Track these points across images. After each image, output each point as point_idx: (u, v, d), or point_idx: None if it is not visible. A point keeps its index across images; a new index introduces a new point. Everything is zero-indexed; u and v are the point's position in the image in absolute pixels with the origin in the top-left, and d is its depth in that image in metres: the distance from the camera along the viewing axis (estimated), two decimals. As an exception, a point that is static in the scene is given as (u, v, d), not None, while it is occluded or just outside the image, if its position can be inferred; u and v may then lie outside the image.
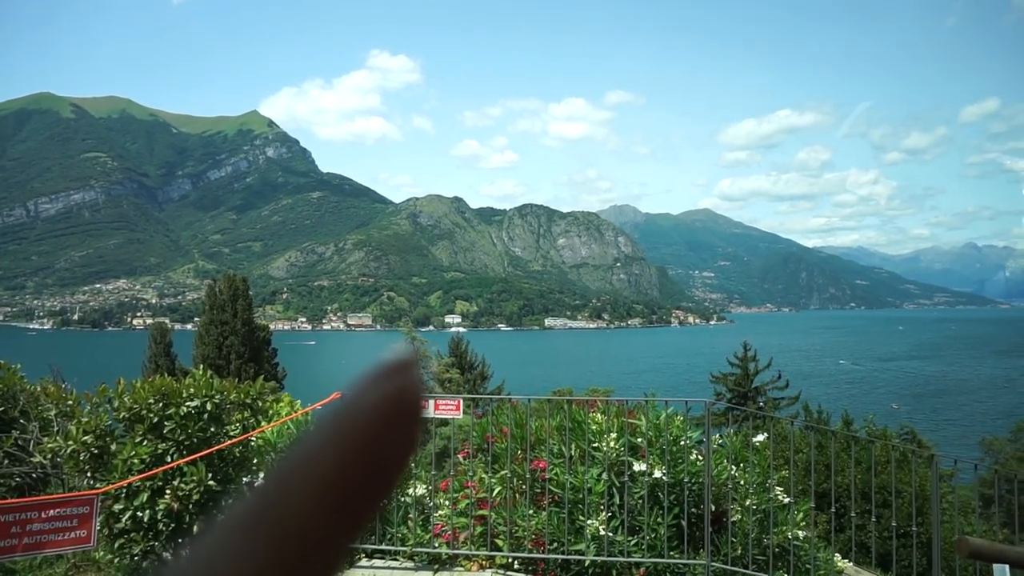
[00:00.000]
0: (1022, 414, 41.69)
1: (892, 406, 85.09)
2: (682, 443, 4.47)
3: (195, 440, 3.89)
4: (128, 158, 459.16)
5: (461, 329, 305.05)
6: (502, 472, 4.63)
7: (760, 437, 4.63)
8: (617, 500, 4.23)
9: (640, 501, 4.20)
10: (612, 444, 4.28)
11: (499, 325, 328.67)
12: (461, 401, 4.58)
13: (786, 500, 4.64)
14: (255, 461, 4.27)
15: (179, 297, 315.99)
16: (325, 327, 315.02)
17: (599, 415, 4.56)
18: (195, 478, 3.72)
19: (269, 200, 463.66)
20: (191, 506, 3.74)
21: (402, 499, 4.63)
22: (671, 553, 4.10)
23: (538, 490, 4.42)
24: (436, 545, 4.29)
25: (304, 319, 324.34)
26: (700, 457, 4.50)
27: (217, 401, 4.08)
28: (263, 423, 4.36)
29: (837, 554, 4.42)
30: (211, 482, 3.73)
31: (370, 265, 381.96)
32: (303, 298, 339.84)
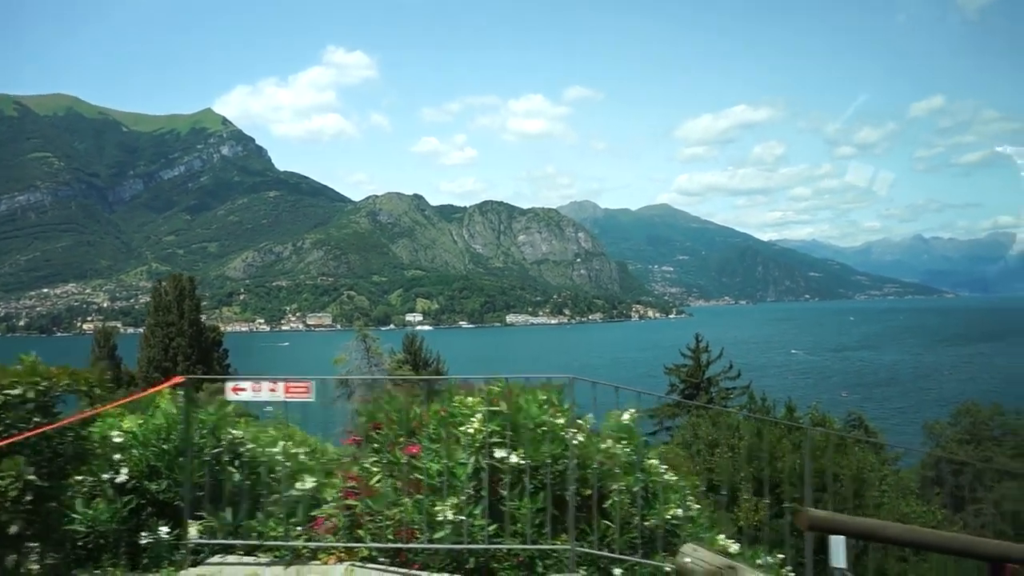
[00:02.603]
0: (964, 399, 42.88)
1: (842, 394, 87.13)
2: (551, 424, 4.28)
3: (15, 432, 3.59)
4: (76, 158, 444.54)
5: (425, 327, 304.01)
6: (373, 459, 4.42)
7: (627, 416, 4.47)
8: (485, 485, 4.05)
9: (507, 486, 4.02)
10: (476, 427, 4.10)
11: (461, 323, 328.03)
12: (312, 383, 4.36)
13: (671, 479, 4.50)
14: (97, 455, 4.00)
15: (131, 300, 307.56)
16: (284, 328, 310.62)
17: (469, 398, 4.38)
18: (12, 473, 3.42)
19: (224, 200, 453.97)
20: (7, 504, 3.44)
21: (273, 492, 4.39)
22: (538, 539, 3.93)
23: (411, 477, 4.22)
24: (292, 538, 4.05)
25: (262, 320, 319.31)
26: (579, 438, 4.33)
27: (43, 388, 3.78)
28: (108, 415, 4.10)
29: (722, 536, 4.29)
30: (31, 476, 3.44)
31: (329, 264, 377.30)
32: (261, 299, 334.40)
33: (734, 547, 4.25)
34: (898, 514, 14.84)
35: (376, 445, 4.67)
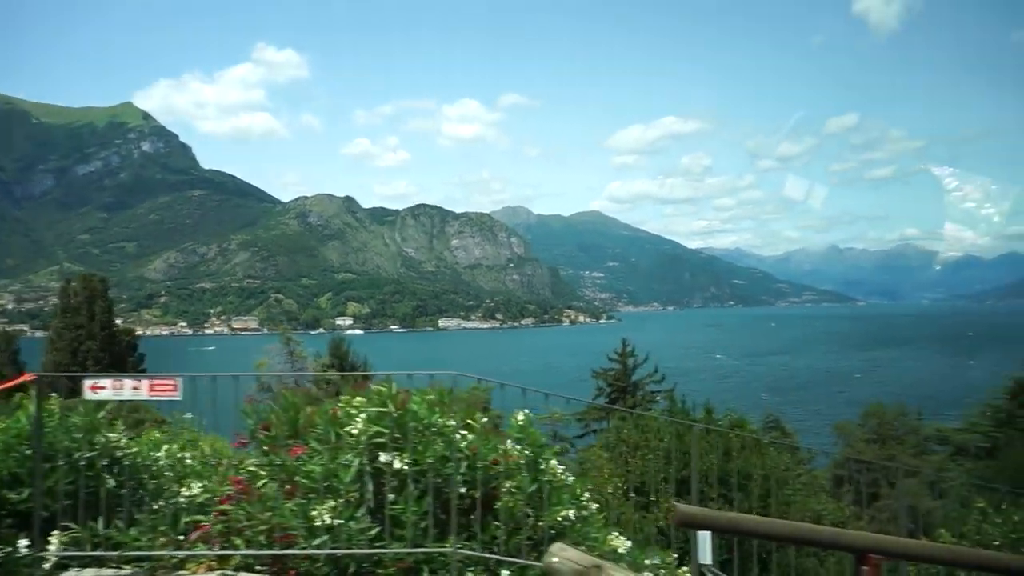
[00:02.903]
0: (872, 401, 45.01)
1: (762, 397, 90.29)
2: (441, 425, 4.20)
3: None
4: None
5: (356, 331, 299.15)
6: (261, 462, 4.24)
7: (521, 416, 4.44)
8: (370, 488, 3.93)
9: (394, 489, 3.92)
10: (360, 427, 3.97)
11: (392, 327, 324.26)
12: (180, 380, 4.15)
13: (567, 480, 4.48)
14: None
15: (40, 302, 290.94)
16: (208, 331, 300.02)
17: (357, 397, 4.25)
18: None
19: (144, 198, 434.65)
20: None
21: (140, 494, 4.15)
22: (423, 542, 3.84)
23: (297, 480, 4.05)
24: (158, 548, 3.83)
25: (184, 323, 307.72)
26: (470, 438, 4.26)
27: None
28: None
29: (615, 532, 4.29)
30: None
31: (256, 266, 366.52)
32: (183, 301, 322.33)
33: (624, 546, 4.25)
34: (809, 511, 15.32)
35: (265, 447, 4.49)
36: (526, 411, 4.72)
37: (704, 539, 2.47)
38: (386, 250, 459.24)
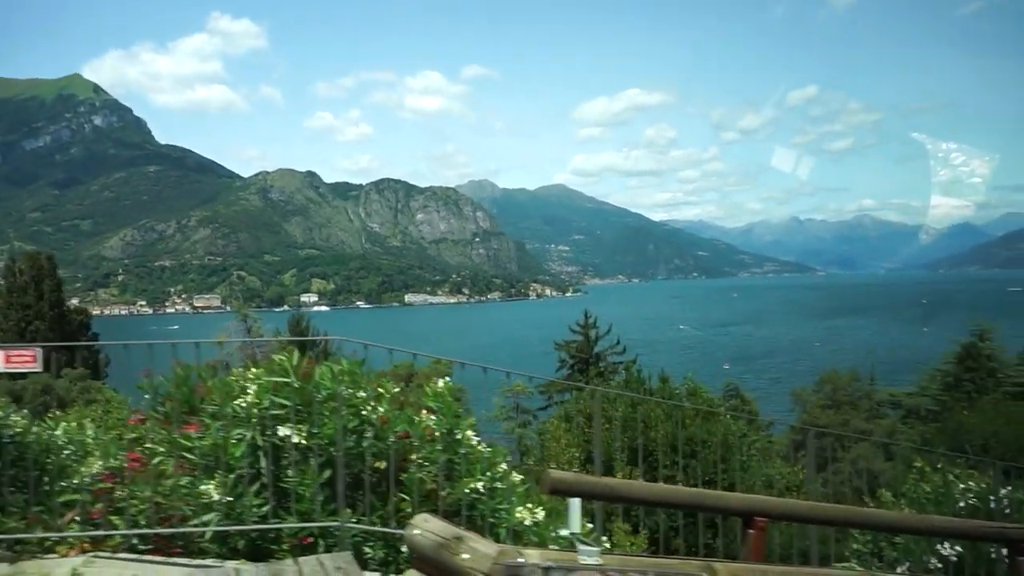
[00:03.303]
0: (829, 369, 45.90)
1: (724, 366, 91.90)
2: (349, 396, 4.00)
3: None
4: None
5: (321, 308, 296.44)
6: (154, 437, 4.00)
7: (441, 383, 4.26)
8: (264, 463, 3.73)
9: (295, 463, 3.72)
10: (251, 399, 3.76)
11: (358, 303, 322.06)
12: (39, 351, 3.89)
13: (483, 451, 4.33)
14: None
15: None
16: (168, 310, 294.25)
17: (254, 369, 4.04)
18: None
19: (98, 174, 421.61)
20: None
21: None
22: (320, 516, 3.66)
23: (186, 456, 3.83)
24: (28, 530, 3.59)
25: (144, 302, 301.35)
26: (381, 410, 4.07)
27: None
28: None
29: (529, 506, 4.16)
30: None
31: (217, 243, 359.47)
32: (142, 280, 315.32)
33: (532, 519, 4.12)
34: (763, 476, 15.58)
35: (160, 422, 4.25)
36: (446, 379, 4.54)
37: (574, 507, 2.33)
38: (350, 225, 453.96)
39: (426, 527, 1.92)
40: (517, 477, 4.54)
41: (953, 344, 38.35)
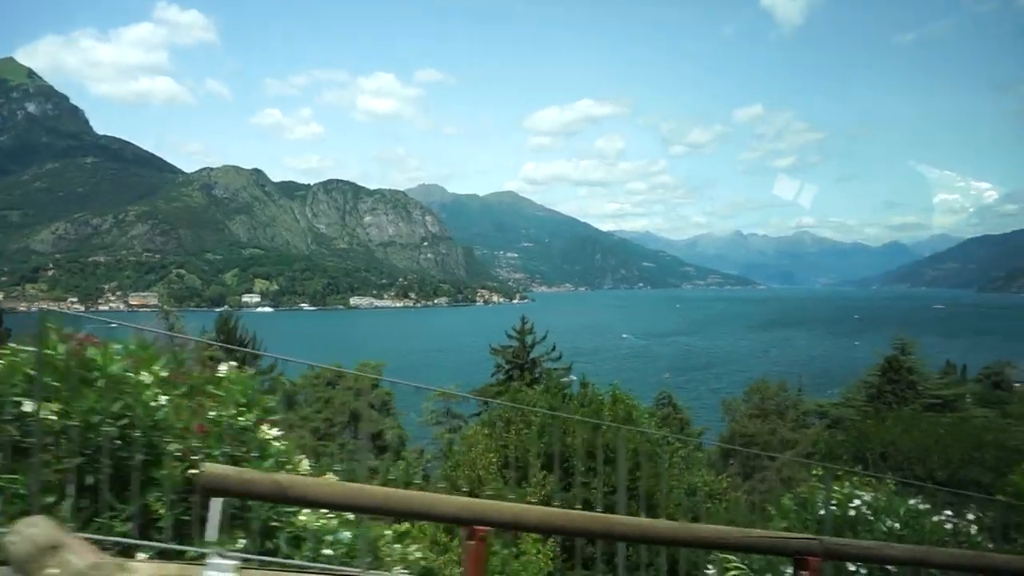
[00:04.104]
0: (769, 379, 46.95)
1: (664, 375, 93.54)
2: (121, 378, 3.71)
3: None
4: None
5: (264, 309, 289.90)
6: None
7: (224, 368, 4.06)
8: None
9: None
10: None
11: (302, 305, 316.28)
12: None
13: (279, 446, 4.09)
14: None
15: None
16: (102, 307, 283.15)
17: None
18: None
19: (29, 163, 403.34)
20: None
21: None
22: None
23: None
24: None
25: (75, 298, 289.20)
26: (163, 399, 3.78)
27: None
28: None
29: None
30: None
31: (156, 239, 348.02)
32: (74, 275, 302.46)
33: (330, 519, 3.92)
34: (685, 484, 15.76)
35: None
36: (231, 363, 4.30)
37: (215, 508, 1.84)
38: (296, 225, 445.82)
39: (28, 532, 1.82)
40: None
41: (879, 357, 39.84)
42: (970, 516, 4.87)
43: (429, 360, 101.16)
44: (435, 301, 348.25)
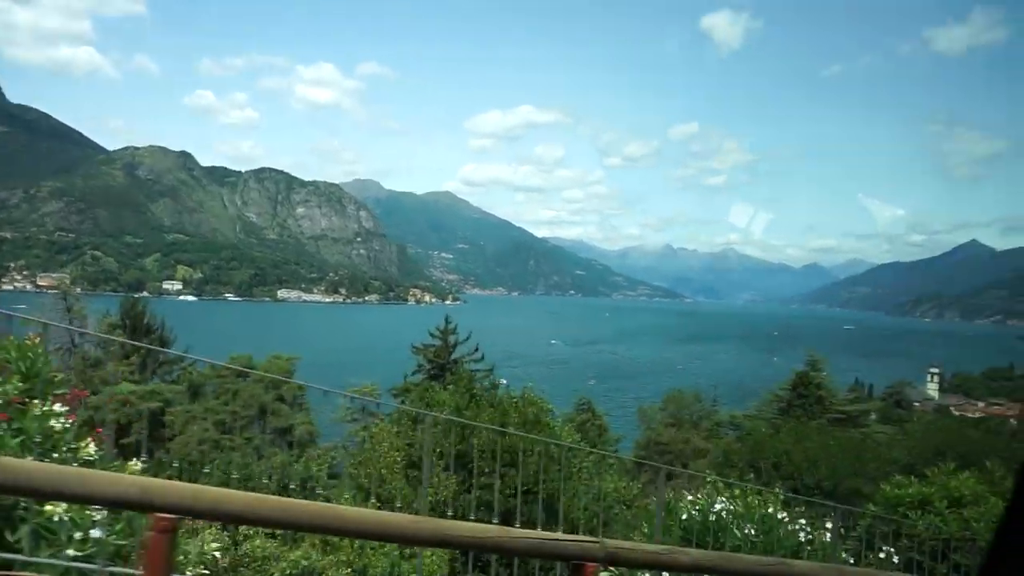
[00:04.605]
0: (690, 390, 48.01)
1: (589, 382, 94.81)
2: None
3: None
4: None
5: (187, 297, 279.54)
6: None
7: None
8: None
9: None
10: None
11: (227, 295, 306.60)
12: None
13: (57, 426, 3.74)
14: None
15: None
16: (6, 287, 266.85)
17: None
18: None
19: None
20: None
21: None
22: None
23: None
24: None
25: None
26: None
27: None
28: None
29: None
30: None
31: (71, 218, 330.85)
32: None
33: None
34: (595, 490, 15.81)
35: None
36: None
37: None
38: (224, 213, 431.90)
39: None
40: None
41: (793, 373, 41.38)
42: (828, 525, 4.96)
43: (352, 357, 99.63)
44: (366, 298, 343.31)
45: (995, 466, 10.07)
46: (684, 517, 4.86)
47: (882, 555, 5.54)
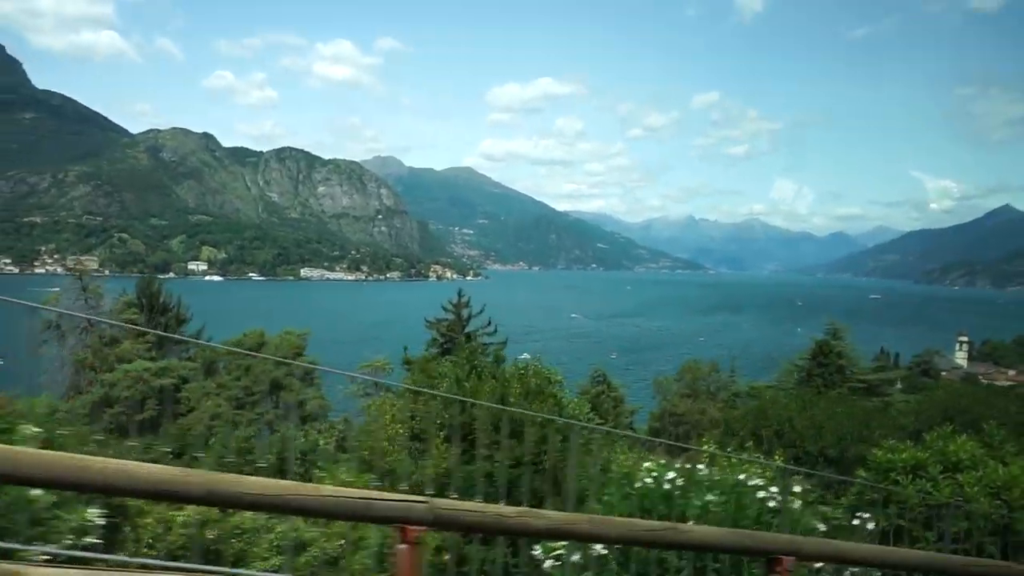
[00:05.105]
0: (712, 361, 47.50)
1: (611, 356, 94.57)
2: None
3: None
4: None
5: (213, 278, 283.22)
6: None
7: None
8: None
9: None
10: None
11: (251, 274, 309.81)
12: None
13: None
14: None
15: None
16: (38, 270, 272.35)
17: None
18: None
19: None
20: None
21: None
22: None
23: None
24: None
25: (8, 260, 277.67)
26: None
27: None
28: None
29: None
30: None
31: (99, 202, 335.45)
32: (8, 236, 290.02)
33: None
34: (603, 461, 15.73)
35: None
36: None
37: None
38: (247, 193, 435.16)
39: None
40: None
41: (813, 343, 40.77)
42: (796, 488, 4.76)
43: (370, 332, 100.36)
44: (387, 275, 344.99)
45: (994, 429, 9.73)
46: (637, 485, 4.71)
47: (856, 522, 5.32)
